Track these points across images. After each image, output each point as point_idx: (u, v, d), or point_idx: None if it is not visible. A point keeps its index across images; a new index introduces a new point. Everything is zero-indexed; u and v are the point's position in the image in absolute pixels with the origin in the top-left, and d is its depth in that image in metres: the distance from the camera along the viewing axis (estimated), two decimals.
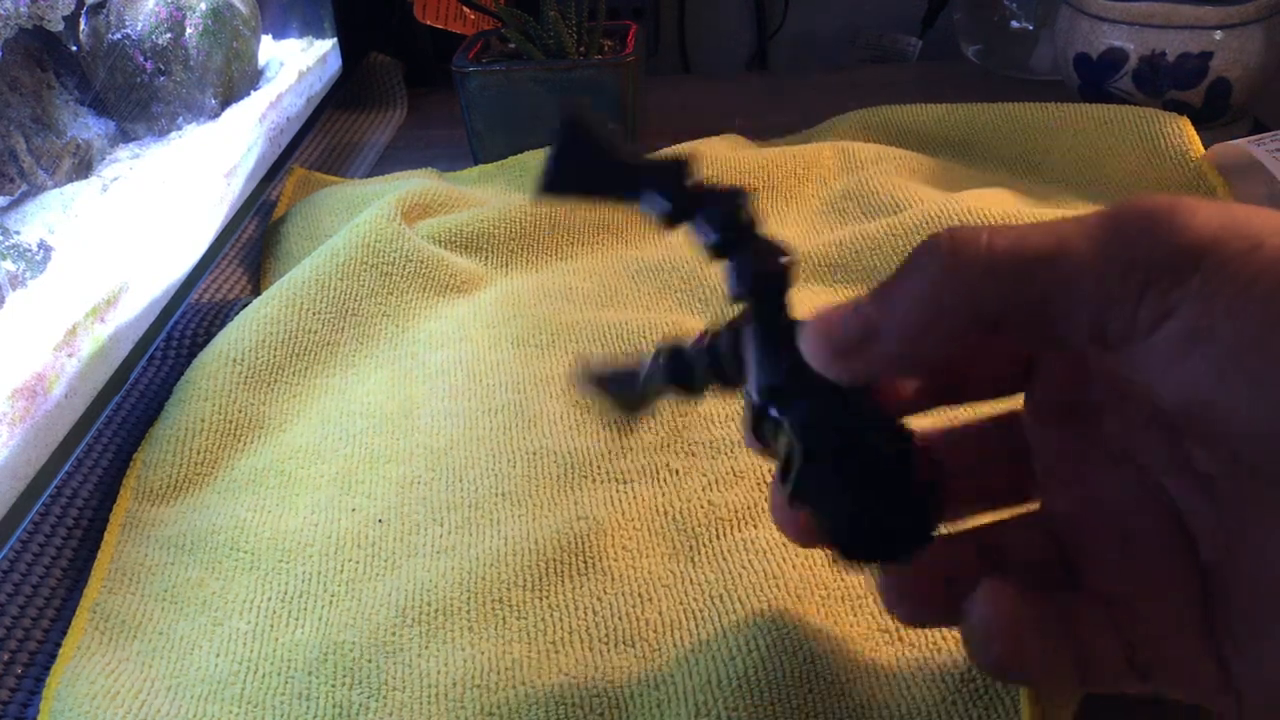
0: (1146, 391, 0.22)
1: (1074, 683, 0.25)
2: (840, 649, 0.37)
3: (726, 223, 0.29)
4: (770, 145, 0.79)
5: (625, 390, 0.32)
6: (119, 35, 0.74)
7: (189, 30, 0.77)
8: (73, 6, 0.69)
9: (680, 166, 0.29)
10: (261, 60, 0.88)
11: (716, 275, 0.61)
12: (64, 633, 0.43)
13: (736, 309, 0.30)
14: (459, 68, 0.78)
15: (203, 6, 0.78)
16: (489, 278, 0.66)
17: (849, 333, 0.26)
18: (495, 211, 0.68)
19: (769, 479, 0.46)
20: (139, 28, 0.75)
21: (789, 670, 0.34)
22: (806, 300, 0.59)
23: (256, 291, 0.68)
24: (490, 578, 0.42)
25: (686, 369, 0.31)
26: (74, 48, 0.72)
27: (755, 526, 0.43)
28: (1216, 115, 0.78)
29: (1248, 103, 0.79)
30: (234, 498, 0.49)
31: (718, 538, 0.43)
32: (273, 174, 0.82)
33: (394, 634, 0.40)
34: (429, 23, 0.86)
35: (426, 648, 0.40)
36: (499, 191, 0.76)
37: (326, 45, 0.95)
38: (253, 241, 0.74)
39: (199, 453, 0.52)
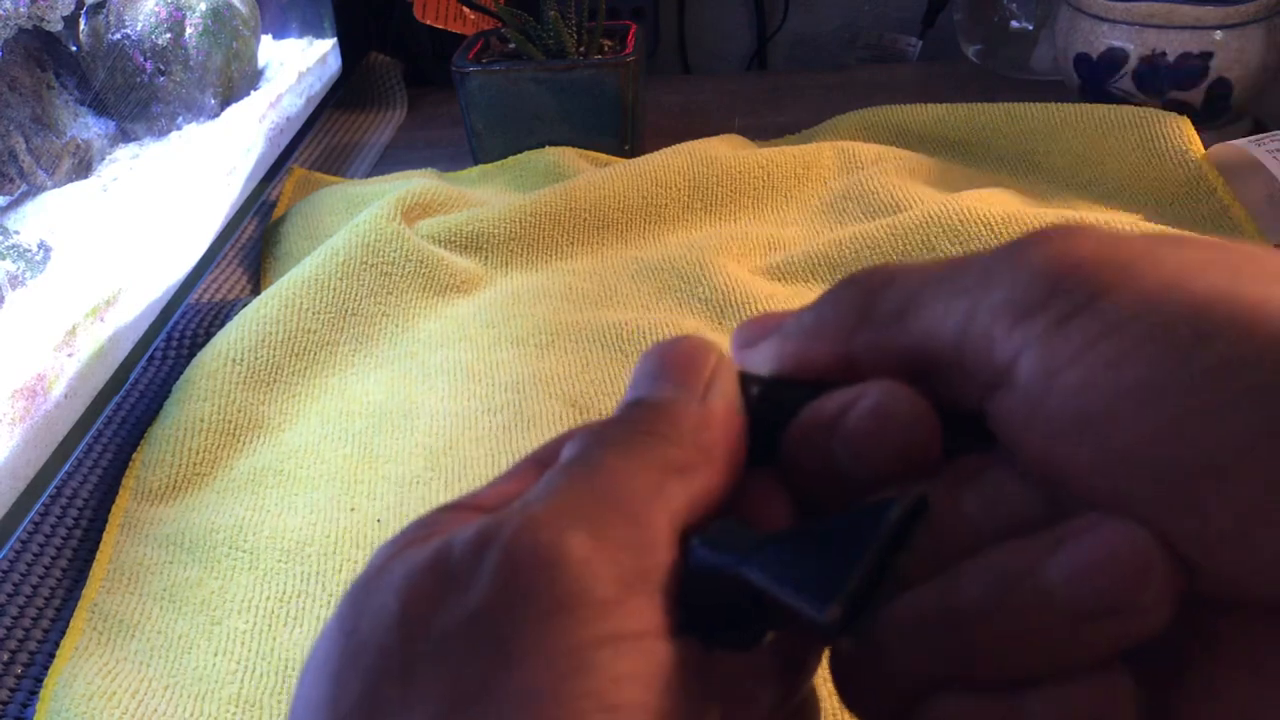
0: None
1: None
2: None
3: None
4: (770, 145, 0.79)
5: None
6: (119, 35, 0.74)
7: (189, 30, 0.77)
8: (72, 6, 0.69)
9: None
10: (261, 60, 0.88)
11: (716, 275, 0.61)
12: (63, 633, 0.43)
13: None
14: (459, 68, 0.78)
15: (202, 6, 0.78)
16: (489, 278, 0.66)
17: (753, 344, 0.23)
18: (495, 211, 0.68)
19: None
20: (139, 28, 0.75)
21: None
22: (805, 300, 0.59)
23: (256, 291, 0.68)
24: None
25: None
26: (74, 48, 0.72)
27: None
28: (1217, 115, 0.78)
29: (1248, 103, 0.79)
30: (233, 497, 0.49)
31: None
32: (272, 174, 0.82)
33: None
34: (429, 23, 0.85)
35: None
36: (499, 191, 0.76)
37: (326, 45, 0.95)
38: (253, 241, 0.74)
39: (198, 452, 0.52)
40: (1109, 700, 0.16)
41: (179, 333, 0.61)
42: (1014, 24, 0.93)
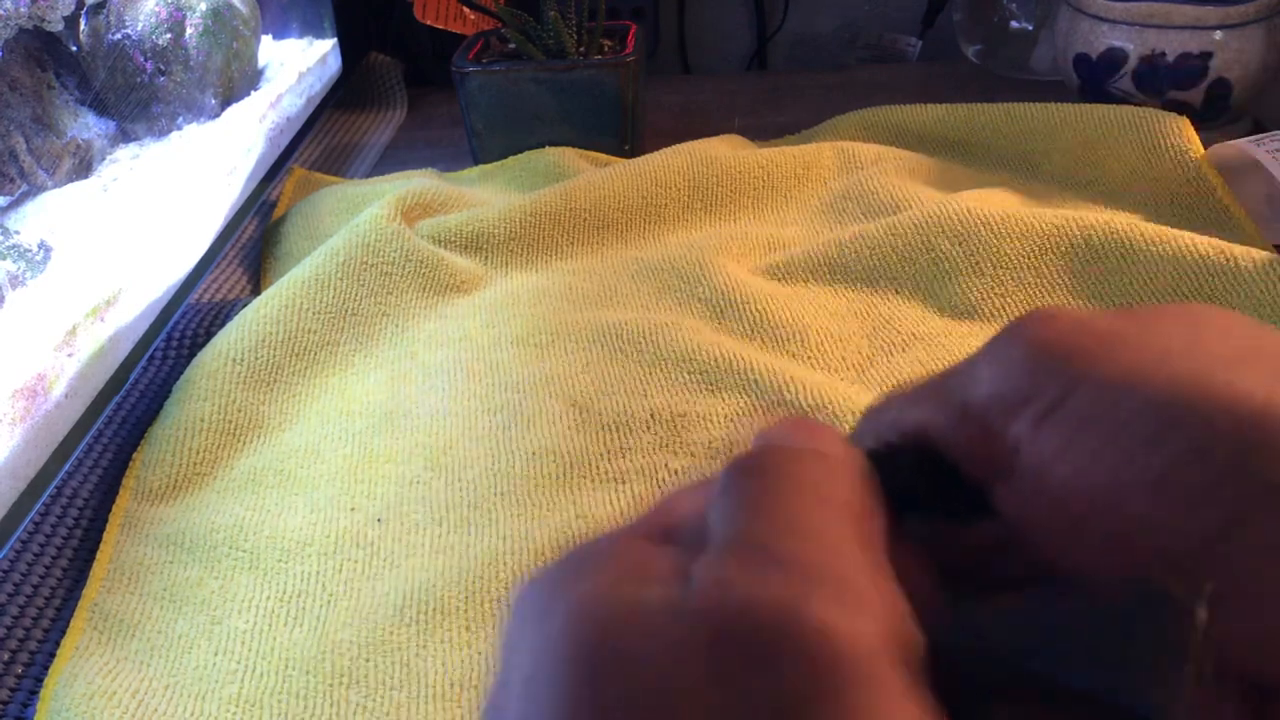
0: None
1: None
2: None
3: None
4: (770, 145, 0.79)
5: None
6: (119, 35, 0.74)
7: (189, 30, 0.77)
8: (73, 6, 0.69)
9: None
10: (261, 60, 0.88)
11: (716, 275, 0.61)
12: (63, 633, 0.43)
13: None
14: (459, 68, 0.78)
15: (203, 6, 0.78)
16: (489, 278, 0.66)
17: None
18: (495, 211, 0.68)
19: None
20: (139, 28, 0.75)
21: None
22: (805, 300, 0.59)
23: (256, 291, 0.68)
24: (488, 577, 0.42)
25: None
26: (74, 48, 0.72)
27: None
28: (1216, 115, 0.78)
29: (1247, 103, 0.79)
30: (233, 497, 0.49)
31: None
32: (272, 174, 0.82)
33: (392, 633, 0.40)
34: (429, 23, 0.85)
35: (424, 647, 0.40)
36: (499, 191, 0.76)
37: (326, 45, 0.95)
38: (253, 241, 0.74)
39: (198, 452, 0.52)
40: None
41: (179, 333, 0.61)
42: (1014, 24, 0.93)
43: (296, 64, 0.89)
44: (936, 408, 0.20)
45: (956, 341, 0.54)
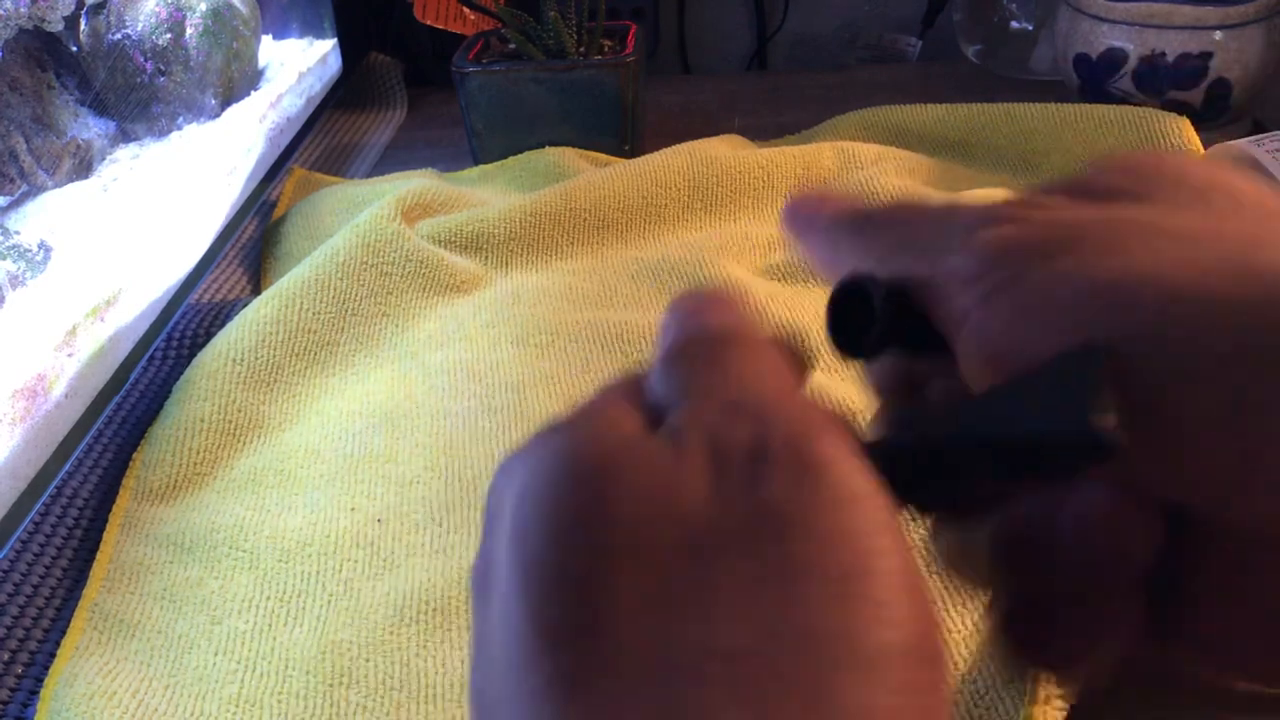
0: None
1: None
2: None
3: None
4: (770, 145, 0.79)
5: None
6: (119, 35, 0.74)
7: (189, 30, 0.77)
8: (73, 7, 0.69)
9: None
10: (261, 60, 0.88)
11: (716, 275, 0.61)
12: (63, 633, 0.43)
13: None
14: (459, 68, 0.78)
15: (203, 6, 0.78)
16: (489, 278, 0.66)
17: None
18: (495, 211, 0.68)
19: None
20: (139, 28, 0.75)
21: None
22: (805, 300, 0.59)
23: (256, 291, 0.68)
24: None
25: None
26: (74, 48, 0.72)
27: None
28: (1216, 115, 0.78)
29: (1247, 103, 0.79)
30: (233, 497, 0.49)
31: None
32: (272, 174, 0.82)
33: (392, 634, 0.40)
34: (429, 23, 0.85)
35: (424, 647, 0.40)
36: (499, 191, 0.76)
37: (326, 45, 0.95)
38: (253, 241, 0.74)
39: (198, 452, 0.52)
40: (1123, 612, 0.20)
41: (179, 333, 0.61)
42: (1014, 24, 0.93)
43: (296, 64, 0.89)
44: (911, 265, 0.23)
45: None
